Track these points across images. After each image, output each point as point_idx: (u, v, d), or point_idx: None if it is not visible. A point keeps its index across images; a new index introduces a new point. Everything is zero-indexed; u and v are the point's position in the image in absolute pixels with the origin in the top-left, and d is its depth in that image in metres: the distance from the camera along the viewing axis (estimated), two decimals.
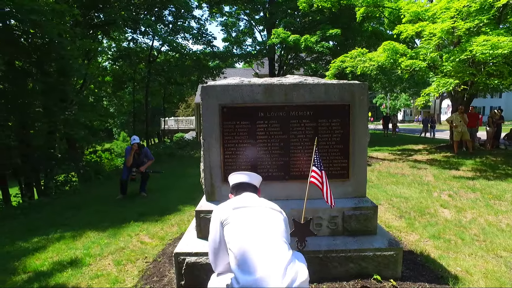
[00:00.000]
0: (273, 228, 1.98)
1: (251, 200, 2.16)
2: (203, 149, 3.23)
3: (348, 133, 3.26)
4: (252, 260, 1.87)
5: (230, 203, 2.16)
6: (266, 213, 2.07)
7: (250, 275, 1.86)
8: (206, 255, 3.04)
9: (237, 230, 1.98)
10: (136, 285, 3.28)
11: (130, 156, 6.84)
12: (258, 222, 1.99)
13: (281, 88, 3.20)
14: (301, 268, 1.94)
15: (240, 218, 2.02)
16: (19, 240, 4.83)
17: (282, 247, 1.92)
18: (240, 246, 1.93)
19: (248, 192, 2.27)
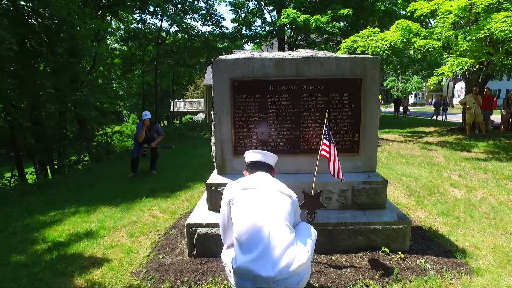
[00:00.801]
0: (277, 212, 2.02)
1: (261, 181, 2.18)
2: (214, 123, 3.25)
3: (359, 108, 3.24)
4: (251, 242, 1.95)
5: (240, 182, 2.20)
6: (272, 196, 2.10)
7: (247, 255, 1.94)
8: (216, 226, 3.12)
9: (241, 211, 2.04)
10: (149, 255, 3.39)
11: (142, 131, 6.87)
12: (262, 205, 2.03)
13: (292, 62, 3.18)
14: (300, 251, 2.00)
15: (246, 199, 2.07)
16: (37, 214, 5.01)
17: (282, 231, 1.97)
18: (242, 227, 2.00)
19: (261, 171, 2.30)
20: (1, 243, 3.95)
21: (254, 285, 1.94)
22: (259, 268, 1.87)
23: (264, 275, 1.86)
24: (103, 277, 3.02)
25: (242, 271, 1.93)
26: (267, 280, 1.87)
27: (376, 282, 2.70)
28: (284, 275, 1.88)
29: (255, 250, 1.91)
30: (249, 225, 1.97)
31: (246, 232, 1.97)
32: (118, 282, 2.94)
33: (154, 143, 7.05)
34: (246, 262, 1.91)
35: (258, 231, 1.94)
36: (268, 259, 1.89)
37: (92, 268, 3.21)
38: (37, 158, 11.33)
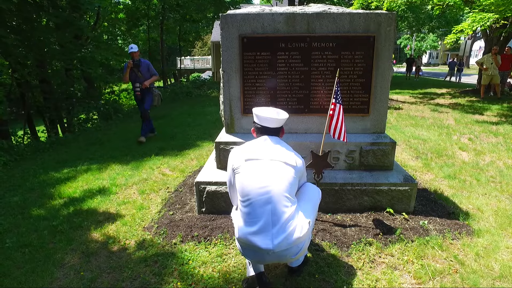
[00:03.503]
0: (279, 184, 2.02)
1: (266, 150, 2.15)
2: (223, 81, 3.20)
3: (371, 67, 3.13)
4: (253, 215, 1.99)
5: (245, 151, 2.17)
6: (276, 167, 2.07)
7: (248, 227, 2.00)
8: (225, 184, 3.19)
9: (244, 183, 2.06)
10: (160, 211, 3.53)
11: (126, 73, 5.97)
12: (264, 178, 2.03)
13: (304, 17, 3.03)
14: (301, 223, 2.03)
15: (249, 171, 2.07)
16: (51, 171, 5.16)
17: (284, 204, 1.99)
18: (245, 199, 2.04)
19: (268, 135, 2.23)
20: (21, 198, 4.12)
21: (254, 255, 2.04)
22: (259, 241, 1.95)
23: (263, 247, 1.94)
24: (118, 231, 3.17)
25: (243, 241, 2.01)
26: (266, 251, 1.95)
27: (379, 240, 2.79)
28: (282, 247, 1.95)
29: (256, 224, 1.97)
30: (251, 198, 2.00)
31: (249, 205, 2.01)
32: (131, 236, 3.09)
33: (147, 82, 6.06)
34: (247, 233, 1.99)
35: (260, 205, 1.98)
36: (268, 233, 1.95)
37: (107, 222, 3.36)
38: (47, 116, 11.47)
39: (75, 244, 3.03)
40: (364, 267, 2.51)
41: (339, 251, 2.69)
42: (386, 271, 2.45)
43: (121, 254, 2.83)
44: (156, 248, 2.84)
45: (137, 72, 6.03)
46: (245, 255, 2.07)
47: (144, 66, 6.08)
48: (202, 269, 2.53)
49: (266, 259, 2.02)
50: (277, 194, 2.00)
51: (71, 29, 8.94)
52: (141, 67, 6.06)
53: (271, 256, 1.98)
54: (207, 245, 2.83)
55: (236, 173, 2.15)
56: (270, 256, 1.98)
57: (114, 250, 2.91)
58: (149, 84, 6.11)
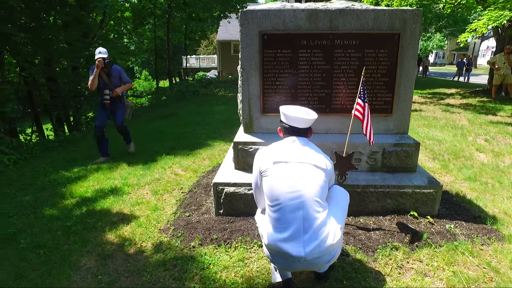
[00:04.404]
0: (310, 189, 1.92)
1: (295, 153, 2.05)
2: (242, 79, 3.10)
3: (396, 65, 3.03)
4: (283, 221, 1.90)
5: (273, 153, 2.08)
6: (306, 171, 1.98)
7: (278, 233, 1.91)
8: (244, 185, 3.11)
9: (272, 187, 1.96)
10: (175, 213, 3.44)
11: (94, 77, 4.85)
12: (294, 182, 1.93)
13: (326, 14, 2.93)
14: (333, 230, 1.94)
15: (278, 174, 1.98)
16: (61, 170, 5.10)
17: (315, 210, 1.90)
18: (274, 203, 1.94)
19: (297, 136, 2.14)
20: (33, 197, 4.06)
21: (284, 262, 1.95)
22: (290, 248, 1.86)
23: (295, 254, 1.85)
24: (133, 233, 3.09)
25: (273, 247, 1.92)
26: (297, 259, 1.86)
27: (406, 245, 2.69)
28: (315, 254, 1.86)
29: (286, 230, 1.88)
30: (281, 203, 1.91)
31: (278, 210, 1.92)
32: (147, 238, 3.01)
33: (119, 89, 5.09)
34: (277, 240, 1.90)
35: (291, 210, 1.89)
36: (299, 239, 1.86)
37: (121, 224, 3.29)
38: (54, 115, 11.43)
39: (90, 246, 2.96)
40: (393, 273, 2.41)
41: (365, 256, 2.59)
42: (416, 277, 2.35)
43: (138, 257, 2.76)
44: (174, 252, 2.76)
45: (105, 78, 5.02)
46: (274, 262, 1.98)
47: (115, 72, 5.08)
48: (224, 274, 2.45)
49: (296, 266, 1.93)
50: (308, 199, 1.91)
51: (80, 27, 8.88)
52: (112, 74, 5.07)
53: (302, 264, 1.89)
54: (227, 249, 2.74)
55: (263, 176, 2.06)
56: (301, 263, 1.89)
57: (131, 252, 2.83)
58: (121, 91, 5.15)
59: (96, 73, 4.84)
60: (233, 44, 25.41)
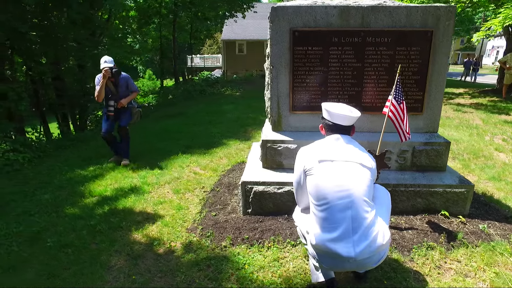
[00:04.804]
0: (357, 188, 1.89)
1: (341, 151, 2.02)
2: (271, 77, 3.06)
3: (428, 63, 2.99)
4: (331, 220, 1.87)
5: (317, 151, 2.05)
6: (352, 170, 1.95)
7: (327, 233, 1.87)
8: (273, 184, 3.07)
9: (319, 186, 1.93)
10: (200, 212, 3.41)
11: (100, 88, 4.60)
12: (342, 181, 1.90)
13: (358, 11, 2.89)
14: (382, 229, 1.91)
15: (324, 173, 1.94)
16: (77, 168, 5.06)
17: (364, 209, 1.87)
18: (321, 202, 1.91)
19: (340, 134, 2.11)
20: (52, 196, 4.03)
21: (333, 262, 1.91)
22: (339, 248, 1.82)
23: (345, 255, 1.82)
24: (160, 233, 3.06)
25: (321, 248, 1.88)
26: (347, 259, 1.83)
27: (441, 245, 2.65)
28: (365, 255, 1.83)
29: (335, 230, 1.85)
30: (329, 203, 1.88)
31: (326, 209, 1.88)
32: (176, 238, 2.97)
33: (124, 100, 4.81)
34: (326, 240, 1.86)
35: (339, 210, 1.86)
36: (349, 239, 1.83)
37: (147, 223, 3.25)
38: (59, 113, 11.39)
39: (118, 245, 2.92)
40: (432, 273, 2.37)
41: (401, 255, 2.55)
42: (457, 278, 2.31)
43: (168, 257, 2.72)
44: (205, 251, 2.73)
45: (112, 87, 4.76)
46: (322, 262, 1.94)
47: (122, 81, 4.80)
48: (261, 274, 2.41)
49: (345, 266, 1.89)
50: (357, 198, 1.87)
51: (90, 26, 8.84)
52: (120, 83, 4.79)
53: (351, 264, 1.86)
54: (260, 249, 2.71)
55: (308, 175, 2.02)
56: (350, 264, 1.85)
57: (160, 252, 2.80)
58: (126, 103, 4.85)
59: (103, 83, 4.58)
60: (237, 44, 25.37)
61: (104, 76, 4.53)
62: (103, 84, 4.58)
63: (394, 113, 2.68)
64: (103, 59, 4.66)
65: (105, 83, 4.59)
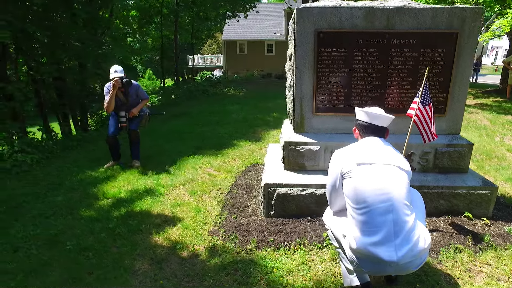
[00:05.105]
0: (397, 191, 1.88)
1: (378, 154, 2.00)
2: (295, 78, 3.04)
3: (452, 65, 2.98)
4: (372, 224, 1.84)
5: (354, 153, 2.03)
6: (392, 173, 1.94)
7: (368, 237, 1.85)
8: (296, 186, 3.05)
9: (359, 188, 1.91)
10: (220, 214, 3.37)
11: (110, 98, 4.47)
12: (382, 184, 1.88)
13: (384, 12, 2.88)
14: (423, 233, 1.89)
15: (365, 176, 1.92)
16: (87, 170, 5.00)
17: (405, 213, 1.85)
18: (361, 205, 1.88)
19: (375, 136, 2.10)
20: (65, 198, 3.98)
21: (373, 266, 1.88)
22: (381, 252, 1.80)
23: (387, 259, 1.80)
24: (182, 236, 3.02)
25: (362, 251, 1.86)
26: (388, 263, 1.81)
27: (469, 247, 2.64)
28: (407, 259, 1.81)
29: (377, 234, 1.82)
30: (369, 206, 1.86)
31: (366, 213, 1.86)
32: (198, 241, 2.94)
33: (135, 109, 4.73)
34: (367, 244, 1.84)
35: (380, 213, 1.84)
36: (391, 243, 1.81)
37: (167, 226, 3.22)
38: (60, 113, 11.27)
39: (140, 249, 2.89)
40: (463, 276, 2.36)
41: (429, 258, 2.54)
42: (489, 281, 2.30)
43: (193, 261, 2.69)
44: (231, 255, 2.70)
45: (122, 97, 4.66)
46: (362, 266, 1.92)
47: (132, 90, 4.69)
48: (291, 278, 2.39)
49: (387, 271, 1.87)
50: (398, 202, 1.85)
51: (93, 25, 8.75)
52: (130, 93, 4.68)
53: (392, 268, 1.84)
54: (286, 251, 2.68)
55: (345, 178, 2.00)
56: (391, 268, 1.83)
57: (184, 256, 2.77)
58: (138, 111, 4.78)
59: (113, 93, 4.45)
60: (238, 43, 25.33)
61: (114, 86, 4.41)
62: (113, 94, 4.47)
63: (419, 115, 2.67)
64: (113, 68, 4.54)
65: (115, 93, 4.49)
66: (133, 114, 4.75)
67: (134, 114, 4.75)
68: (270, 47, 25.39)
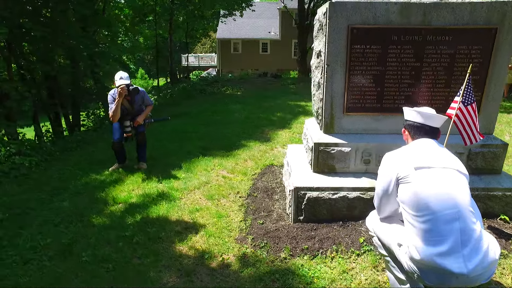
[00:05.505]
0: (461, 198, 1.75)
1: (435, 157, 1.87)
2: (326, 76, 2.88)
3: (488, 62, 2.87)
4: (437, 233, 1.71)
5: (411, 157, 1.90)
6: (452, 178, 1.81)
7: (432, 247, 1.70)
8: (327, 190, 2.90)
9: (420, 194, 1.77)
10: (244, 220, 3.20)
11: (116, 107, 4.21)
12: (447, 189, 1.75)
13: (420, 8, 2.75)
14: (492, 241, 1.77)
15: (425, 181, 1.78)
16: (91, 173, 4.75)
17: (471, 221, 1.72)
18: (423, 213, 1.75)
19: (428, 138, 1.98)
20: (72, 203, 3.75)
21: (438, 278, 1.74)
22: (449, 264, 1.66)
23: (456, 271, 1.65)
24: (208, 244, 2.84)
25: (427, 263, 1.72)
26: (456, 276, 1.67)
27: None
28: (478, 271, 1.67)
29: (442, 244, 1.69)
30: (433, 213, 1.72)
31: (429, 221, 1.72)
32: (226, 249, 2.76)
33: (141, 117, 4.53)
34: (433, 255, 1.70)
35: (446, 222, 1.70)
36: (458, 254, 1.67)
37: (189, 233, 3.03)
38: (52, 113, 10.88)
39: (165, 259, 2.69)
40: None
41: None
42: None
43: (224, 272, 2.52)
44: (265, 264, 2.53)
45: (128, 105, 4.44)
46: (424, 278, 1.78)
47: (138, 98, 4.50)
48: None
49: (453, 283, 1.73)
50: (464, 209, 1.72)
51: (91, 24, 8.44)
52: (136, 101, 4.48)
53: (459, 281, 1.70)
54: (323, 259, 2.53)
55: (402, 183, 1.86)
56: (458, 280, 1.69)
57: (214, 266, 2.59)
58: (143, 120, 4.57)
59: (119, 101, 4.18)
60: (233, 42, 25.12)
61: (120, 94, 4.15)
62: (119, 103, 4.21)
63: (459, 115, 2.57)
64: (119, 75, 4.29)
65: (121, 101, 4.23)
66: (138, 123, 4.53)
67: (139, 123, 4.53)
68: (265, 46, 25.25)
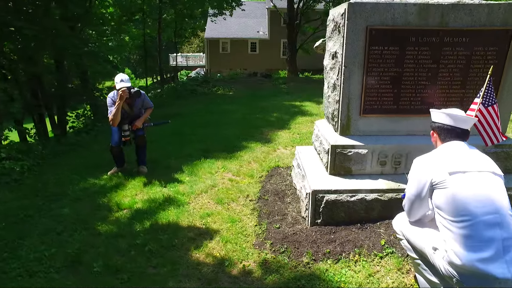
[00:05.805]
0: (500, 202, 1.73)
1: (469, 160, 1.85)
2: (343, 78, 2.84)
3: (503, 65, 2.90)
4: (476, 237, 1.69)
5: (444, 161, 1.87)
6: (490, 181, 1.79)
7: (473, 253, 1.68)
8: (345, 192, 2.87)
9: (458, 199, 1.74)
10: (259, 224, 3.13)
11: (117, 110, 4.05)
12: (485, 194, 1.73)
13: (438, 9, 2.74)
14: None
15: (463, 186, 1.76)
16: (89, 177, 4.56)
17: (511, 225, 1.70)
18: (462, 218, 1.72)
19: (459, 140, 1.96)
20: (73, 210, 3.58)
21: (479, 283, 1.72)
22: (493, 269, 1.64)
23: (500, 277, 1.63)
24: (226, 251, 2.75)
25: (469, 268, 1.69)
26: (499, 281, 1.65)
27: None
28: None
29: (485, 249, 1.66)
30: (473, 219, 1.69)
31: (469, 226, 1.70)
32: (246, 256, 2.68)
33: (139, 121, 4.38)
34: (474, 260, 1.67)
35: (486, 227, 1.68)
36: (501, 259, 1.65)
37: (204, 240, 2.94)
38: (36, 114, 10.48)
39: (183, 268, 2.59)
40: None
41: None
42: None
43: (247, 279, 2.44)
44: (288, 270, 2.47)
45: (127, 108, 4.29)
46: (463, 282, 1.75)
47: (138, 101, 4.37)
48: None
49: None
50: (504, 213, 1.70)
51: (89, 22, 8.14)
52: (136, 104, 4.35)
53: (502, 286, 1.68)
54: (347, 263, 2.49)
55: (437, 188, 1.83)
56: (501, 285, 1.67)
57: (235, 274, 2.51)
58: (142, 123, 4.42)
59: (120, 105, 4.03)
60: (221, 42, 24.93)
61: (121, 97, 3.99)
62: (120, 106, 4.05)
63: (479, 116, 2.57)
64: (119, 77, 4.12)
65: (121, 105, 4.07)
66: (137, 127, 4.38)
67: (137, 127, 4.38)
68: (253, 45, 25.17)
